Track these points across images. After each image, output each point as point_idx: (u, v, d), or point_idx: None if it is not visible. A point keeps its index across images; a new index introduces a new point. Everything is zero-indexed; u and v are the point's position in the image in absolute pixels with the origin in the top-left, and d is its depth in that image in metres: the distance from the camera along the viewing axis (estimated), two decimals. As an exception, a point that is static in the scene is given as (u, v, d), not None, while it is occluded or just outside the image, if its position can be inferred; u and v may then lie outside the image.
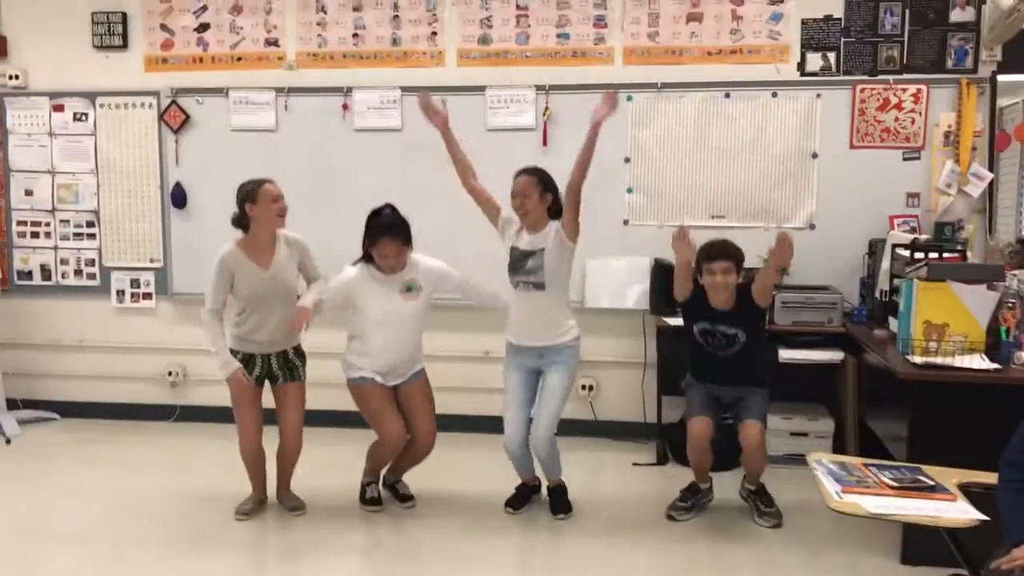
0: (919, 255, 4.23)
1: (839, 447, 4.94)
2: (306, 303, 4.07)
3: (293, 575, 3.65)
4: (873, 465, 2.51)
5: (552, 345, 4.16)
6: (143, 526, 4.12)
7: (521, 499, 4.33)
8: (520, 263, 4.16)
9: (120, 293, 5.86)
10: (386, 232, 4.07)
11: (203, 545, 3.91)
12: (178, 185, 5.67)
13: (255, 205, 4.06)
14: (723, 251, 4.05)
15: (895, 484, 2.36)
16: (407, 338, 4.22)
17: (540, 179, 4.11)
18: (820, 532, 4.07)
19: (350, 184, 5.52)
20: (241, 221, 4.11)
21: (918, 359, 3.75)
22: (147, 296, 5.84)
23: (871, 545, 3.88)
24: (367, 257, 4.16)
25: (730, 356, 4.12)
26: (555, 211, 4.14)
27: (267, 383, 4.18)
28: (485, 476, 4.21)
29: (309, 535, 4.04)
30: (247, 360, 4.10)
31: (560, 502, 4.27)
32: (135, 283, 5.84)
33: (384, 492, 4.41)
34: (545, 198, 4.12)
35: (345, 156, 5.53)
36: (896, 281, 4.47)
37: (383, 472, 4.40)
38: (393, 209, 4.16)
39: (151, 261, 5.80)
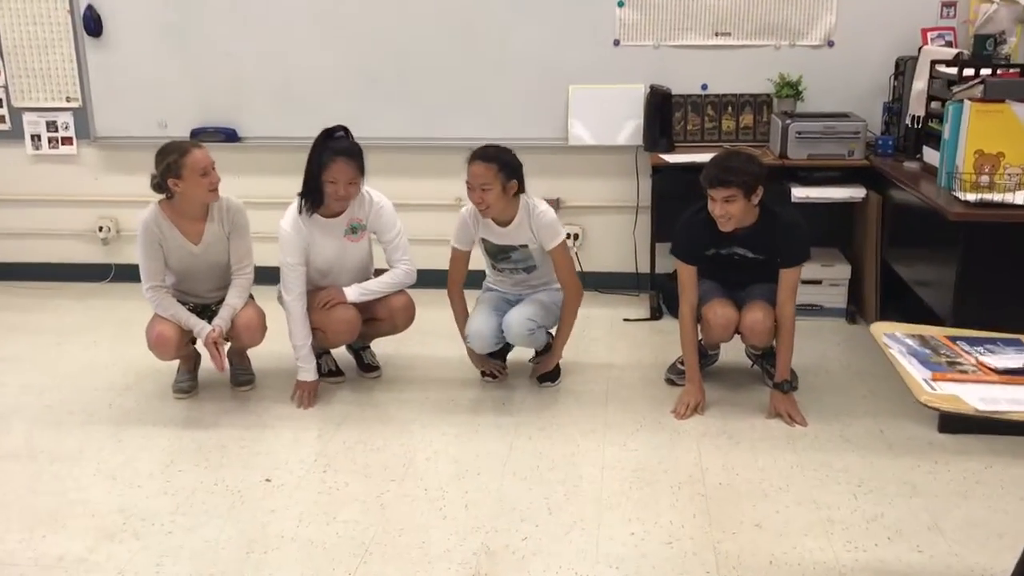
0: (968, 72, 3.57)
1: (855, 295, 4.43)
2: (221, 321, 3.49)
3: (246, 461, 3.12)
4: (961, 339, 1.93)
5: (536, 289, 3.70)
6: (66, 408, 3.56)
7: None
8: (503, 255, 3.63)
9: (35, 138, 5.09)
10: (341, 154, 3.39)
11: (136, 431, 3.36)
12: (90, 8, 4.80)
13: (180, 181, 3.36)
14: (720, 177, 3.22)
15: (1000, 367, 1.79)
16: (354, 277, 3.66)
17: (500, 165, 3.38)
18: (841, 395, 3.59)
19: (307, 10, 4.69)
20: (162, 188, 3.43)
21: (969, 196, 3.16)
22: (67, 141, 5.08)
23: (901, 410, 3.39)
24: (306, 196, 3.48)
25: (752, 268, 3.48)
26: (520, 190, 3.51)
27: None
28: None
29: (260, 414, 3.50)
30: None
31: (546, 367, 3.75)
32: (51, 126, 5.06)
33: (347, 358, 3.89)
34: (509, 188, 3.42)
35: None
36: (934, 104, 3.83)
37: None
38: (347, 131, 3.48)
39: (68, 100, 5.01)
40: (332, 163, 3.40)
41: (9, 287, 5.12)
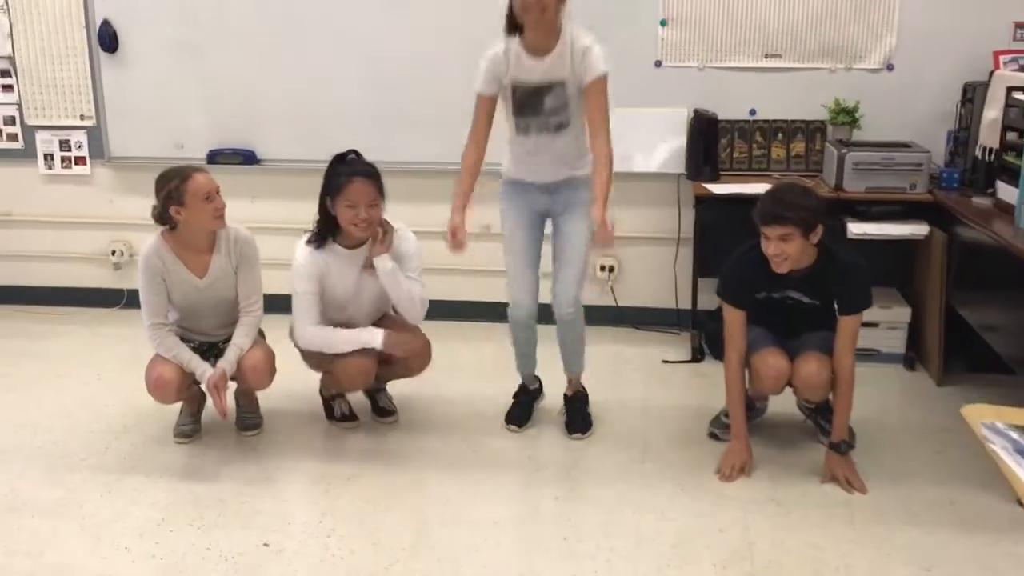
0: (1051, 100, 3.23)
1: (914, 339, 4.07)
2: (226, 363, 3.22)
3: (244, 520, 2.84)
4: (1073, 430, 1.61)
5: (568, 178, 3.25)
6: (59, 451, 3.32)
7: (524, 411, 3.52)
8: (534, 102, 3.16)
9: (48, 157, 4.89)
10: (358, 175, 3.13)
11: (129, 481, 3.10)
12: (106, 24, 4.59)
13: (183, 208, 3.13)
14: (775, 213, 2.90)
15: None
16: (372, 312, 3.40)
17: None
18: (902, 455, 3.25)
19: (328, 28, 4.43)
20: (164, 218, 3.19)
21: (1055, 241, 2.83)
22: (80, 160, 4.88)
23: (972, 476, 3.04)
24: (322, 229, 3.24)
25: (806, 314, 3.18)
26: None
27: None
28: (483, 375, 3.41)
29: (264, 465, 3.23)
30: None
31: (578, 417, 3.44)
32: (65, 145, 4.86)
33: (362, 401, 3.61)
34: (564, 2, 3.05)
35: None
36: (1010, 135, 3.48)
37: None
38: (359, 155, 3.23)
39: (82, 118, 4.80)
40: (348, 185, 3.12)
41: (18, 311, 4.90)
